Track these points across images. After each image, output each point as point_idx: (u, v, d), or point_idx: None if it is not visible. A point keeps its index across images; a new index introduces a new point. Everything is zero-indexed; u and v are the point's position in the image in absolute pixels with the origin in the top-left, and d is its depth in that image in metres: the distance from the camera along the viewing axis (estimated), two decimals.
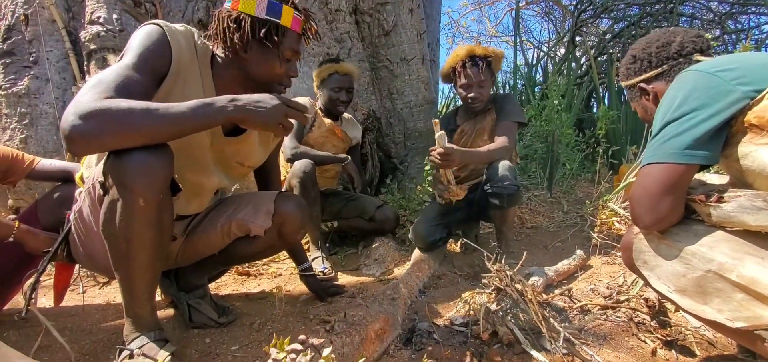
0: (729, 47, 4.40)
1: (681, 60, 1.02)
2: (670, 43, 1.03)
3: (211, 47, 1.14)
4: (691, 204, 0.87)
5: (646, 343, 1.12)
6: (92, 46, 2.52)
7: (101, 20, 2.54)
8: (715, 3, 4.46)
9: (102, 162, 0.96)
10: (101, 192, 0.97)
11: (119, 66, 0.96)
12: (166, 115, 0.88)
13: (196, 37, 1.12)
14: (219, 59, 1.15)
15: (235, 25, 1.08)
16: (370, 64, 3.17)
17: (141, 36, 1.01)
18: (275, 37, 1.09)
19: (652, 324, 1.20)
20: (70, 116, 0.84)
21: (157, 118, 0.87)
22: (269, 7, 1.08)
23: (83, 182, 1.15)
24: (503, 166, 1.79)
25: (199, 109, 0.92)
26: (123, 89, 0.90)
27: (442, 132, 1.65)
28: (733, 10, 4.43)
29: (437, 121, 1.69)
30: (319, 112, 2.22)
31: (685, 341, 1.11)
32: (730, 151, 0.83)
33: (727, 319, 0.78)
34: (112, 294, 1.70)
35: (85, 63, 2.57)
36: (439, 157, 1.65)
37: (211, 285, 1.73)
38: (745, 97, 0.79)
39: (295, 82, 2.75)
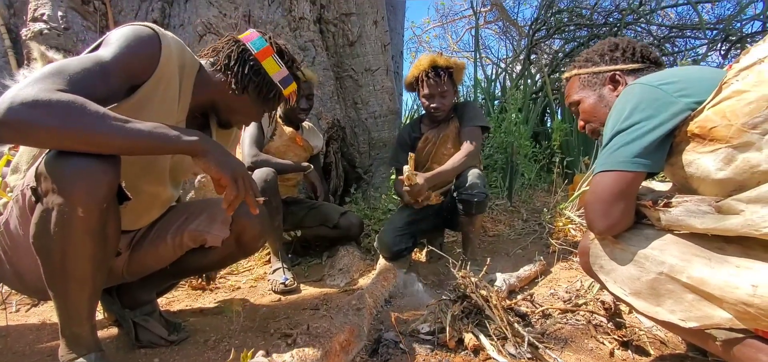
0: (676, 59, 4.79)
1: (653, 67, 1.07)
2: (651, 47, 1.10)
3: (201, 62, 1.12)
4: (641, 209, 0.91)
5: (604, 344, 1.16)
6: (33, 45, 2.33)
7: (45, 17, 2.36)
8: (655, 27, 4.86)
9: (34, 166, 0.86)
10: (33, 199, 0.86)
11: (88, 58, 0.87)
12: (120, 128, 0.80)
13: (187, 51, 1.08)
14: (204, 77, 1.12)
15: (256, 78, 1.13)
16: (334, 74, 3.15)
17: (127, 35, 0.93)
18: (273, 100, 1.19)
19: (608, 325, 1.24)
20: (10, 98, 0.74)
21: (109, 129, 0.79)
22: (284, 78, 1.18)
23: (3, 191, 1.03)
24: (473, 173, 1.82)
25: (159, 134, 0.84)
26: (81, 85, 0.82)
27: (412, 172, 1.69)
28: (671, 34, 4.85)
29: (412, 154, 1.71)
30: (279, 120, 2.16)
31: (640, 341, 1.15)
32: (675, 159, 0.88)
33: (680, 319, 0.81)
34: (49, 312, 1.54)
35: (26, 62, 2.37)
36: (407, 188, 1.72)
37: (162, 301, 1.62)
38: (686, 108, 0.85)
39: None
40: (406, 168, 1.67)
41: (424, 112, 2.11)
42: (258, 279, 1.95)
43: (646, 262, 0.86)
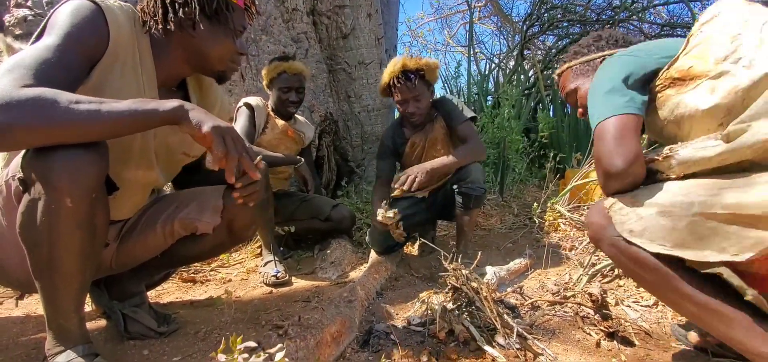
0: None
1: None
2: (630, 36, 1.21)
3: (149, 26, 1.03)
4: (651, 166, 0.90)
5: (591, 335, 1.18)
6: (18, 32, 2.28)
7: (29, 3, 2.30)
8: (646, 26, 4.92)
9: (20, 155, 0.84)
10: (20, 189, 0.84)
11: (40, 47, 0.82)
12: (97, 112, 0.77)
13: (136, 15, 1.01)
14: (159, 40, 1.04)
15: (187, 3, 1.00)
16: (327, 66, 3.13)
17: (69, 12, 0.88)
18: (226, 13, 1.05)
19: (595, 317, 1.26)
20: None
21: (86, 116, 0.76)
22: None
23: None
24: (475, 168, 1.81)
25: (139, 110, 0.81)
26: (44, 76, 0.78)
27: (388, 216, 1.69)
28: (662, 33, 4.91)
29: (389, 208, 1.71)
30: (271, 114, 2.14)
31: (625, 332, 1.17)
32: (662, 112, 0.92)
33: (733, 255, 0.74)
34: (34, 305, 1.52)
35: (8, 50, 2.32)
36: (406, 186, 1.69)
37: (152, 293, 1.61)
38: (661, 62, 0.94)
39: (247, 81, 2.65)
40: (380, 212, 1.69)
41: None
42: (249, 271, 1.95)
43: (675, 209, 0.81)
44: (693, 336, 1.09)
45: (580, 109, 1.23)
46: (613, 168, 0.89)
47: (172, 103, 0.85)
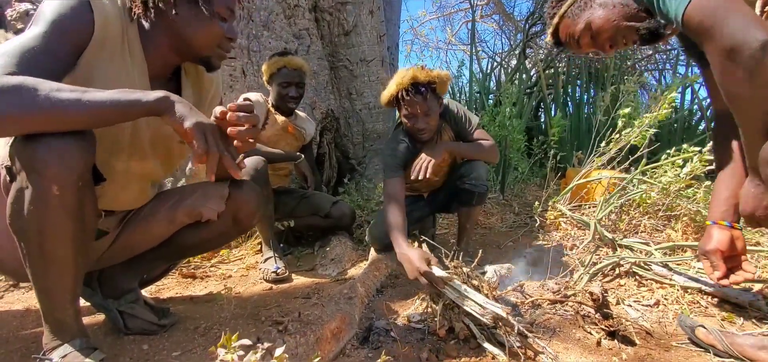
0: (659, 65, 4.85)
1: None
2: None
3: (134, 13, 1.00)
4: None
5: (591, 334, 1.17)
6: (20, 26, 2.27)
7: None
8: None
9: (8, 144, 0.84)
10: (7, 178, 0.84)
11: (26, 37, 0.82)
12: (78, 101, 0.77)
13: (125, 4, 0.99)
14: (146, 26, 1.01)
15: None
16: (329, 63, 3.13)
17: (55, 4, 0.87)
18: None
19: (596, 316, 1.25)
20: None
21: (67, 104, 0.76)
22: None
23: None
24: (479, 165, 1.80)
25: (122, 99, 0.81)
26: (28, 64, 0.78)
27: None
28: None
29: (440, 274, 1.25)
30: (271, 110, 2.14)
31: (626, 331, 1.17)
32: None
33: None
34: (34, 299, 1.52)
35: None
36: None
37: (151, 288, 1.60)
38: None
39: (249, 77, 2.65)
40: (436, 270, 1.24)
41: None
42: (249, 268, 1.94)
43: None
44: (700, 332, 1.08)
45: (606, 44, 1.08)
46: (752, 43, 0.68)
47: (156, 94, 0.84)
